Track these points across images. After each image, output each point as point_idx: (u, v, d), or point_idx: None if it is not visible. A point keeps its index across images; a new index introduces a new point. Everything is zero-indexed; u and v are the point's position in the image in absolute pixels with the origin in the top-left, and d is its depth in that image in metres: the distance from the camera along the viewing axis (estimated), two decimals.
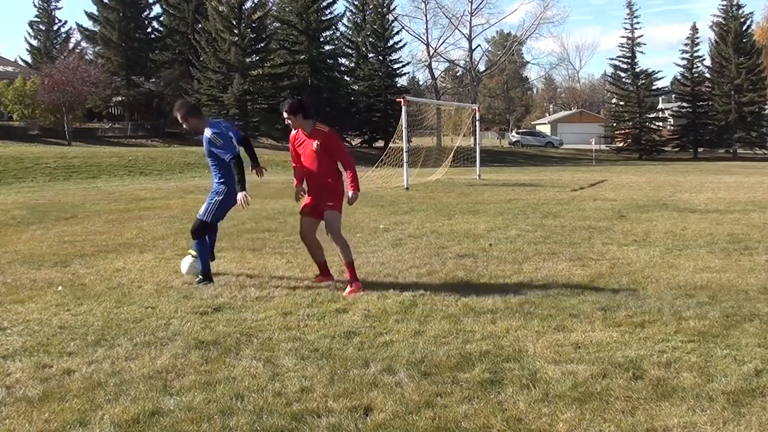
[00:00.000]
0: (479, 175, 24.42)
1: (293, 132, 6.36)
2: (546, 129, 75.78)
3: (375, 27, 49.90)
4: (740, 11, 52.60)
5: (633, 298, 5.71)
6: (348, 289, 6.08)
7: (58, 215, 12.71)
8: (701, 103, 54.46)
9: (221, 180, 6.41)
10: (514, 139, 67.05)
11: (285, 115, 6.18)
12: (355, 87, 50.48)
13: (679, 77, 57.78)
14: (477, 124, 26.66)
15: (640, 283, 6.20)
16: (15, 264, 7.71)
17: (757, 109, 52.03)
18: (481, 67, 69.26)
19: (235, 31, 42.95)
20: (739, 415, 3.41)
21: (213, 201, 6.44)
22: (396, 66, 51.39)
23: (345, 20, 51.14)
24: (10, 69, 47.84)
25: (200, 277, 6.48)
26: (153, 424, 3.40)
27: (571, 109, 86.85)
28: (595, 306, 5.45)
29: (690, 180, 22.75)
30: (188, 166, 31.18)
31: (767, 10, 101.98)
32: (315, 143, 6.11)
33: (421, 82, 78.97)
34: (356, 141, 50.06)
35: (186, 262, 6.79)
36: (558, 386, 3.79)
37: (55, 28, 53.34)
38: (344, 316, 5.32)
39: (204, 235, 6.51)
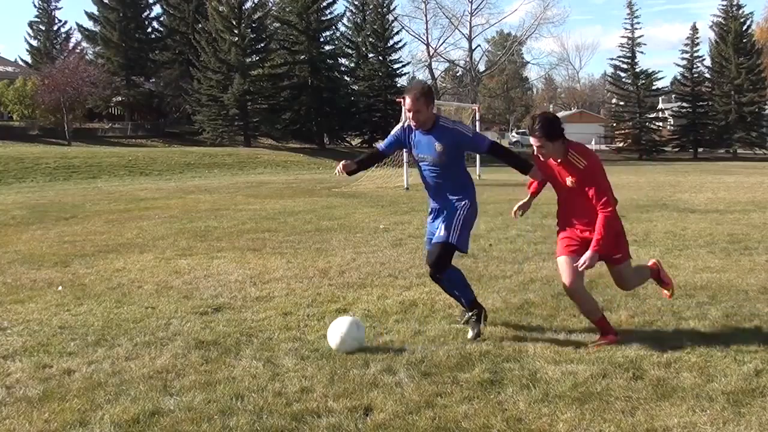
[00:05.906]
0: (479, 175, 24.40)
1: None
2: None
3: (375, 27, 49.87)
4: (740, 11, 52.57)
5: (633, 298, 5.70)
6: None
7: (58, 215, 12.71)
8: (701, 103, 54.38)
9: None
10: (514, 139, 66.95)
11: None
12: (355, 87, 50.45)
13: (679, 77, 57.68)
14: (477, 124, 26.66)
15: None
16: (15, 264, 7.72)
17: (757, 109, 52.00)
18: (481, 67, 69.24)
19: (235, 31, 42.90)
20: (739, 415, 3.41)
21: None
22: (396, 66, 51.38)
23: (345, 20, 51.13)
24: (10, 69, 47.78)
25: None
26: (153, 424, 3.40)
27: (571, 109, 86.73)
28: None
29: (690, 180, 22.73)
30: (188, 166, 31.19)
31: (767, 10, 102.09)
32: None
33: None
34: (356, 141, 50.10)
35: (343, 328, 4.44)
36: (558, 386, 3.79)
37: (55, 28, 53.25)
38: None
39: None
